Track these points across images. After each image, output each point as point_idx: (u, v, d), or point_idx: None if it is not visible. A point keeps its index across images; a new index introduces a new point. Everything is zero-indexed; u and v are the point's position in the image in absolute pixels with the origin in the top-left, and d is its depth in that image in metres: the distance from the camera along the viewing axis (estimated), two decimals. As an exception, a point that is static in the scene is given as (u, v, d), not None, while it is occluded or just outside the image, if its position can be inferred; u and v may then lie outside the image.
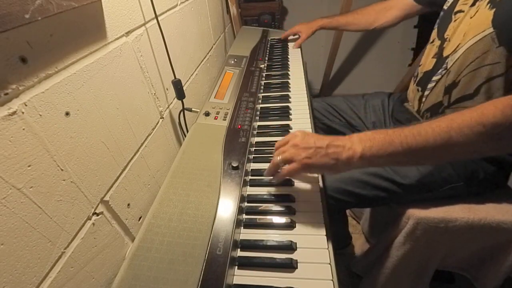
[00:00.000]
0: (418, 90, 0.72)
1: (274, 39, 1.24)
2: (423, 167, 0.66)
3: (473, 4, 0.59)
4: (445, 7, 0.68)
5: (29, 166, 0.35)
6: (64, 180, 0.41)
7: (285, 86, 0.88)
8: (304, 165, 0.45)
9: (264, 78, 0.94)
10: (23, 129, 0.34)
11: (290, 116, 0.75)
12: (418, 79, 0.72)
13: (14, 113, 0.33)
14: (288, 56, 1.09)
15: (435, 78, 0.65)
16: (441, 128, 0.39)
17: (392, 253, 0.72)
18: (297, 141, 0.47)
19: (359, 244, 1.06)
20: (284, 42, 1.20)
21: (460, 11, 0.62)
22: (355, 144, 0.44)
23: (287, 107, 0.78)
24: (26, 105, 0.35)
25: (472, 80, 0.57)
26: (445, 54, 0.63)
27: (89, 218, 0.46)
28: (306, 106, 0.77)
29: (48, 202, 0.38)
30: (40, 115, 0.37)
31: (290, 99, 0.82)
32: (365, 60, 1.80)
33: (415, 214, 0.66)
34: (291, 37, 1.19)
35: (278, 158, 0.48)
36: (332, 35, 1.58)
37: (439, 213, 0.65)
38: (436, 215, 0.65)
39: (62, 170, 0.40)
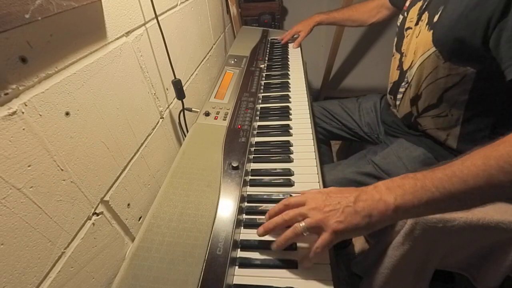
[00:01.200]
0: (391, 98, 0.76)
1: (274, 39, 1.24)
2: (411, 167, 0.69)
3: (416, 23, 0.64)
4: (398, 23, 0.73)
5: (29, 166, 0.35)
6: (64, 180, 0.41)
7: (285, 86, 0.88)
8: (337, 232, 0.38)
9: (264, 78, 0.94)
10: (23, 129, 0.34)
11: (290, 116, 0.75)
12: (389, 88, 0.77)
13: (14, 113, 0.33)
14: (288, 56, 1.09)
15: (401, 89, 0.70)
16: (477, 166, 0.34)
17: (391, 253, 0.72)
18: (318, 203, 0.40)
19: (359, 244, 1.06)
20: (285, 43, 1.20)
21: (409, 27, 0.67)
22: (384, 194, 0.38)
23: (287, 107, 0.78)
24: (26, 105, 0.35)
25: (432, 91, 0.61)
26: (404, 68, 0.68)
27: (89, 218, 0.46)
28: (306, 106, 0.77)
29: (48, 202, 0.38)
30: (40, 115, 0.37)
31: (290, 99, 0.82)
32: (365, 60, 1.80)
33: (414, 214, 0.66)
34: (290, 41, 1.18)
35: (301, 226, 0.39)
36: (332, 35, 1.58)
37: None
38: (435, 215, 0.65)
39: (62, 170, 0.40)
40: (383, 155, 0.73)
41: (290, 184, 0.55)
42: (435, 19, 0.57)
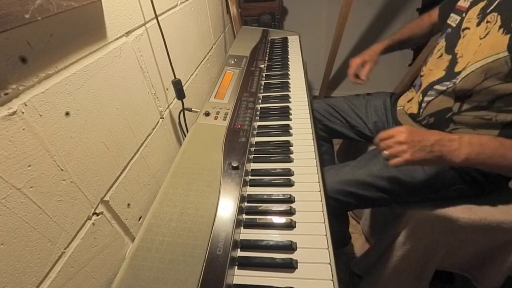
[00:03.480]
0: (419, 96, 0.72)
1: (274, 39, 1.24)
2: (428, 168, 0.66)
3: (478, 24, 0.60)
4: (452, 24, 0.69)
5: (29, 166, 0.35)
6: (64, 180, 0.41)
7: (285, 86, 0.88)
8: (407, 161, 0.49)
9: (264, 78, 0.94)
10: (23, 129, 0.34)
11: (290, 116, 0.75)
12: (422, 88, 0.72)
13: (14, 113, 0.33)
14: (288, 56, 1.08)
15: (440, 87, 0.66)
16: None
17: (392, 253, 0.72)
18: (402, 138, 0.50)
19: (359, 244, 1.06)
20: (284, 42, 1.20)
21: (467, 28, 0.63)
22: (463, 146, 0.47)
23: (287, 107, 0.78)
24: (26, 105, 0.35)
25: (485, 95, 0.58)
26: (456, 69, 0.64)
27: (89, 218, 0.46)
28: (306, 106, 0.77)
29: (48, 202, 0.38)
30: (40, 115, 0.37)
31: (290, 99, 0.82)
32: (365, 60, 1.80)
33: (415, 214, 0.66)
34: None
35: (385, 153, 0.52)
36: (332, 35, 1.58)
37: (440, 213, 0.65)
38: (436, 216, 0.65)
39: (62, 170, 0.40)
40: None
41: (290, 184, 0.55)
42: None
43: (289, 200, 0.51)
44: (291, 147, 0.64)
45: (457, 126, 0.65)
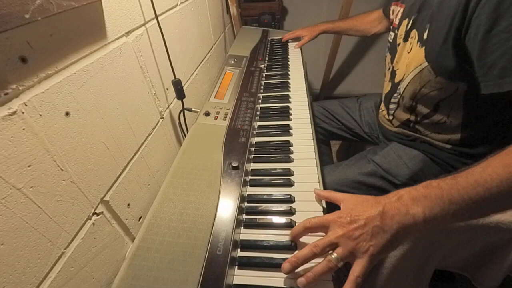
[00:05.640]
0: (385, 108, 0.78)
1: (274, 39, 1.24)
2: (411, 165, 0.70)
3: (405, 40, 0.67)
4: (390, 39, 0.77)
5: (29, 166, 0.35)
6: (64, 180, 0.41)
7: (285, 86, 0.88)
8: (373, 255, 0.36)
9: (264, 78, 0.94)
10: (23, 129, 0.34)
11: (290, 116, 0.75)
12: (383, 99, 0.80)
13: (14, 113, 0.33)
14: (288, 56, 1.08)
15: (394, 100, 0.73)
16: (499, 175, 0.34)
17: (391, 253, 0.72)
18: (343, 227, 0.38)
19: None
20: (285, 42, 1.20)
21: (399, 43, 0.70)
22: (410, 207, 0.36)
23: (287, 107, 0.78)
24: (26, 105, 0.35)
25: (428, 101, 0.63)
26: (396, 80, 0.71)
27: (89, 218, 0.46)
28: (306, 106, 0.77)
29: (48, 202, 0.38)
30: (40, 115, 0.37)
31: (290, 99, 0.82)
32: (365, 60, 1.80)
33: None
34: (291, 41, 1.19)
35: (334, 257, 0.37)
36: (332, 36, 1.58)
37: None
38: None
39: (62, 170, 0.40)
40: (383, 154, 0.73)
41: (290, 184, 0.55)
42: (425, 36, 0.59)
43: (289, 200, 0.52)
44: (291, 147, 0.64)
45: (425, 132, 0.69)
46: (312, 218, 0.42)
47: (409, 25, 0.65)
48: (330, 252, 0.38)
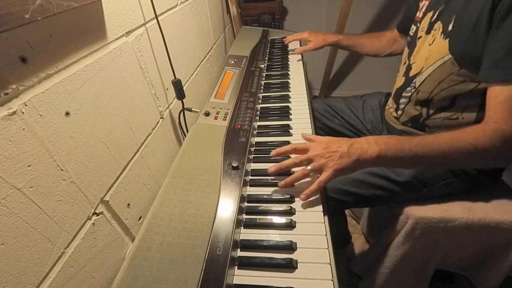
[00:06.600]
0: (394, 103, 0.78)
1: (274, 39, 1.24)
2: None
3: (428, 32, 0.67)
4: (410, 33, 0.76)
5: (29, 166, 0.35)
6: (64, 180, 0.41)
7: (285, 86, 0.88)
8: (335, 171, 0.49)
9: (264, 78, 0.94)
10: (23, 129, 0.34)
11: (290, 116, 0.75)
12: (393, 94, 0.79)
13: (14, 113, 0.33)
14: (288, 56, 1.08)
15: (406, 94, 0.72)
16: (444, 143, 0.49)
17: (391, 253, 0.72)
18: (320, 150, 0.51)
19: (359, 244, 1.06)
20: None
21: (420, 37, 0.70)
22: (372, 145, 0.50)
23: (287, 107, 0.78)
24: (26, 105, 0.35)
25: (446, 96, 0.63)
26: (411, 74, 0.71)
27: (89, 218, 0.46)
28: (306, 106, 0.77)
29: (48, 202, 0.38)
30: (40, 115, 0.37)
31: (290, 99, 0.82)
32: (364, 60, 1.80)
33: (414, 213, 0.66)
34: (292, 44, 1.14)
35: (309, 168, 0.51)
36: (332, 35, 1.58)
37: (438, 213, 0.65)
38: (435, 215, 0.65)
39: (62, 170, 0.40)
40: None
41: (290, 184, 0.55)
42: (450, 28, 0.59)
43: (289, 200, 0.52)
44: (291, 147, 0.64)
45: (433, 130, 0.69)
46: (298, 144, 0.55)
47: (434, 17, 0.65)
48: (305, 164, 0.52)
